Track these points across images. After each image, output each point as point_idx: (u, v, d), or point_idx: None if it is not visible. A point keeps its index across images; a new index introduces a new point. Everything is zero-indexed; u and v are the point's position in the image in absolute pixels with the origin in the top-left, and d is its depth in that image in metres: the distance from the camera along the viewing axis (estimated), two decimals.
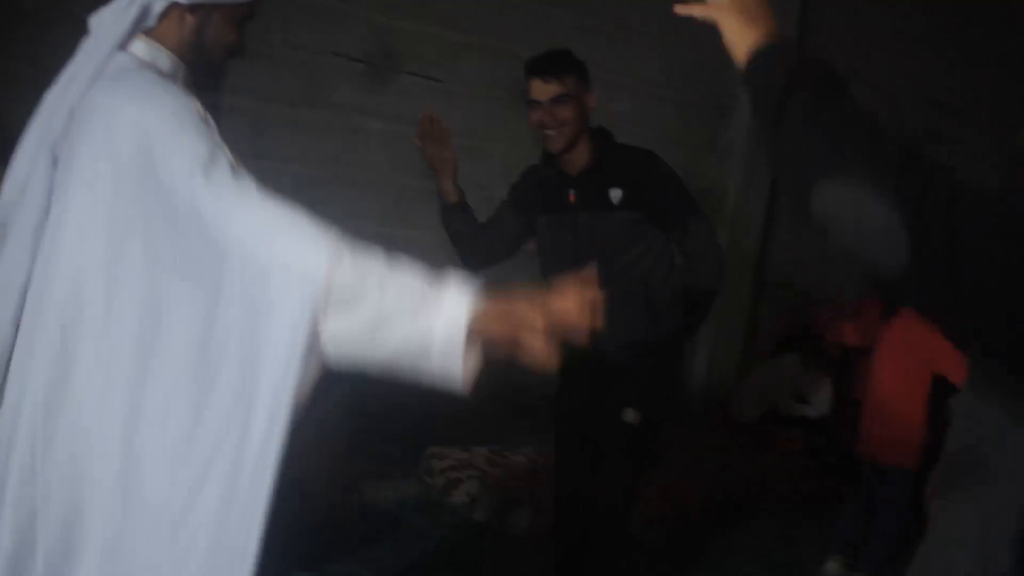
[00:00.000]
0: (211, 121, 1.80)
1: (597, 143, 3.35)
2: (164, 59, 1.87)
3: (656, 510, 5.20)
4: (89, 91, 1.76)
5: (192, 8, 1.86)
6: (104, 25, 1.84)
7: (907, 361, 4.48)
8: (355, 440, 5.01)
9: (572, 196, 3.33)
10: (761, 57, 1.53)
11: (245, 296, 1.63)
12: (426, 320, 1.62)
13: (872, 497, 4.78)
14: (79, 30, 1.85)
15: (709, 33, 5.50)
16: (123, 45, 1.83)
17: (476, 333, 1.63)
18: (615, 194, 3.27)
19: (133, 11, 1.82)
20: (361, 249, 1.66)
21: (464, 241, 3.50)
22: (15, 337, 1.74)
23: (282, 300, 1.61)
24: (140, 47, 1.85)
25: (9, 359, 1.75)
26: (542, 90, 3.21)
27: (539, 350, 1.64)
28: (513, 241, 3.58)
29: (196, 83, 1.93)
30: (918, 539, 2.16)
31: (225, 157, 1.72)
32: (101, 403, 1.66)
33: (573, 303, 1.64)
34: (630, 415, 3.33)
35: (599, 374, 3.35)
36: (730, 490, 5.73)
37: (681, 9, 1.72)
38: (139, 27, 1.84)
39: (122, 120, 1.69)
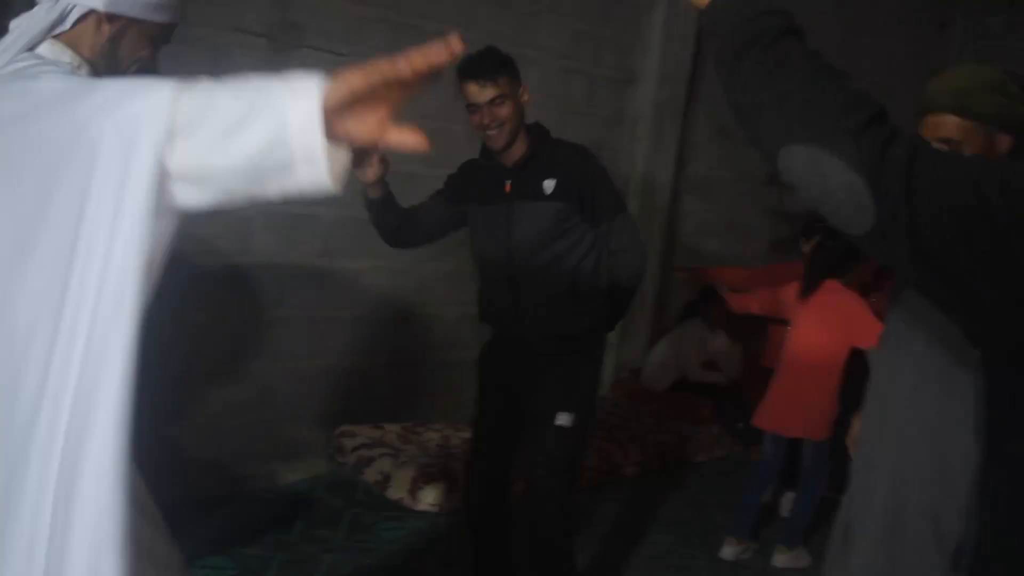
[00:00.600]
0: None
1: (533, 136, 3.47)
2: (67, 57, 1.86)
3: None
4: None
5: (110, 18, 1.88)
6: (20, 27, 1.84)
7: (827, 336, 4.53)
8: (266, 419, 4.96)
9: (508, 186, 3.45)
10: (721, 4, 1.50)
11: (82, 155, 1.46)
12: (279, 110, 1.42)
13: (772, 468, 4.86)
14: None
15: (617, 6, 5.57)
16: (33, 47, 1.83)
17: (334, 112, 1.43)
18: (548, 184, 3.41)
19: (52, 15, 1.84)
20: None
21: (388, 230, 3.61)
22: None
23: (122, 140, 1.44)
24: (45, 47, 1.85)
25: None
26: (479, 94, 3.31)
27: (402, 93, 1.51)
28: (439, 228, 3.70)
29: None
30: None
31: None
32: None
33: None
34: (564, 419, 3.46)
35: (527, 370, 3.55)
36: (643, 459, 5.79)
37: None
38: (53, 30, 1.85)
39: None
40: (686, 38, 6.71)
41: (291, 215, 4.79)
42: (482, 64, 3.32)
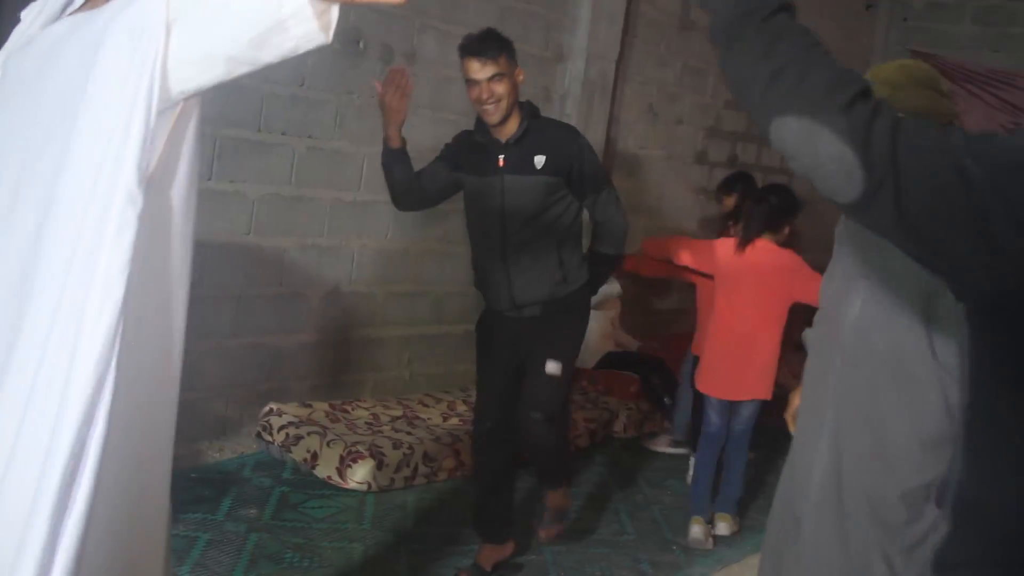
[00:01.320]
0: None
1: (525, 113, 3.77)
2: None
3: None
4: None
5: None
6: (34, 11, 1.88)
7: (768, 293, 4.55)
8: (191, 399, 4.90)
9: (502, 160, 3.74)
10: None
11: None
12: None
13: (720, 436, 4.81)
14: None
15: None
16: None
17: None
18: (539, 160, 3.71)
19: None
20: None
21: (400, 185, 3.83)
22: None
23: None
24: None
25: None
26: (480, 70, 3.61)
27: None
28: (440, 192, 3.95)
29: None
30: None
31: None
32: None
33: None
34: (552, 367, 3.83)
35: (519, 333, 3.91)
36: (572, 436, 5.81)
37: None
38: (68, 7, 1.85)
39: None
40: (614, 16, 6.72)
41: (216, 192, 4.73)
42: (484, 43, 3.63)
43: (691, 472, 5.32)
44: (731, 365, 4.68)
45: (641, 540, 4.73)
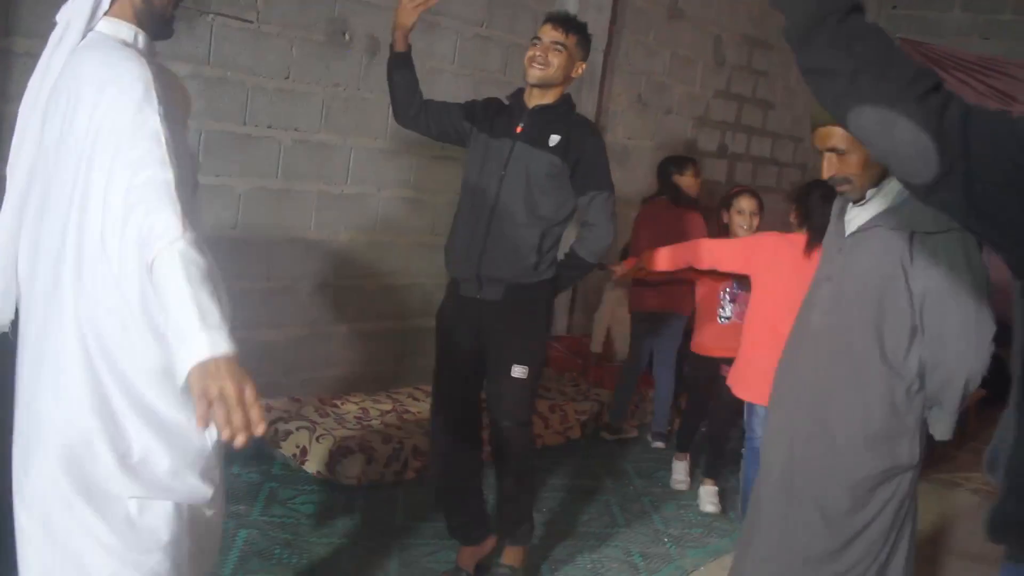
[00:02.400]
0: (154, 88, 2.09)
1: (562, 99, 3.80)
2: (124, 30, 2.23)
3: None
4: (68, 64, 2.16)
5: None
6: (68, 16, 2.20)
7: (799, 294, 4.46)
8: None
9: (519, 127, 3.76)
10: None
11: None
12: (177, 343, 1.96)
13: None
14: None
15: None
16: (89, 27, 2.19)
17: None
18: (553, 138, 3.71)
19: (88, 3, 2.18)
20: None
21: (399, 92, 3.89)
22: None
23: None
24: (102, 25, 2.21)
25: None
26: (548, 33, 3.72)
27: (221, 424, 1.89)
28: (440, 126, 3.97)
29: (156, 36, 2.32)
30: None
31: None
32: None
33: None
34: (518, 371, 3.76)
35: (480, 324, 3.82)
36: (563, 428, 5.80)
37: None
38: (97, 14, 2.20)
39: (88, 85, 2.08)
40: (602, 6, 6.70)
41: (202, 187, 4.68)
42: (566, 17, 3.80)
43: (675, 477, 5.42)
44: (758, 367, 4.39)
45: (632, 532, 4.72)
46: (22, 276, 2.25)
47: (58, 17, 2.23)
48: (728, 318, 5.11)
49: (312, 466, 4.72)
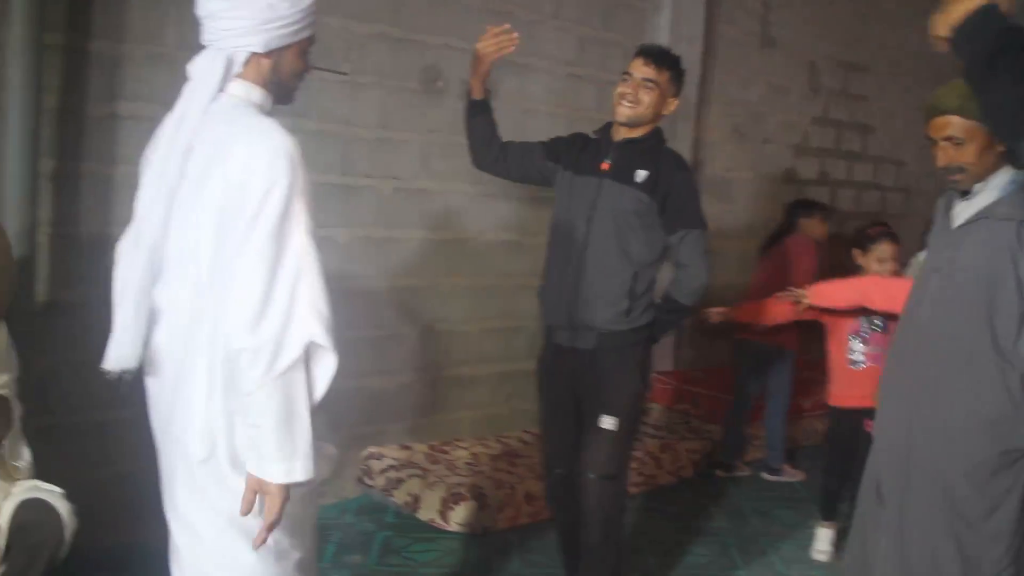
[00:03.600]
0: (300, 164, 2.23)
1: (651, 133, 3.66)
2: (256, 94, 2.36)
3: None
4: (203, 126, 2.27)
5: (267, 54, 2.33)
6: (200, 74, 2.32)
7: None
8: None
9: (606, 164, 3.62)
10: (974, 21, 1.89)
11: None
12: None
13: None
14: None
15: (621, 9, 5.52)
16: (221, 88, 2.31)
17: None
18: (640, 174, 3.57)
19: (221, 61, 2.30)
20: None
21: (476, 137, 3.85)
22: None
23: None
24: (236, 87, 2.33)
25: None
26: (640, 69, 3.61)
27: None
28: (521, 168, 3.89)
29: (278, 102, 2.43)
30: None
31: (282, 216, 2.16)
32: None
33: None
34: (608, 422, 3.59)
35: (575, 371, 3.69)
36: (675, 468, 5.71)
37: None
38: (230, 74, 2.32)
39: (236, 154, 2.18)
40: (693, 38, 6.64)
41: None
42: (659, 51, 3.67)
43: (818, 546, 4.87)
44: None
45: (751, 574, 4.60)
46: (166, 315, 2.37)
47: (189, 70, 2.34)
48: (861, 363, 4.62)
49: (425, 514, 4.71)
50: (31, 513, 2.97)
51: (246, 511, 2.18)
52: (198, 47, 2.36)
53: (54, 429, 3.91)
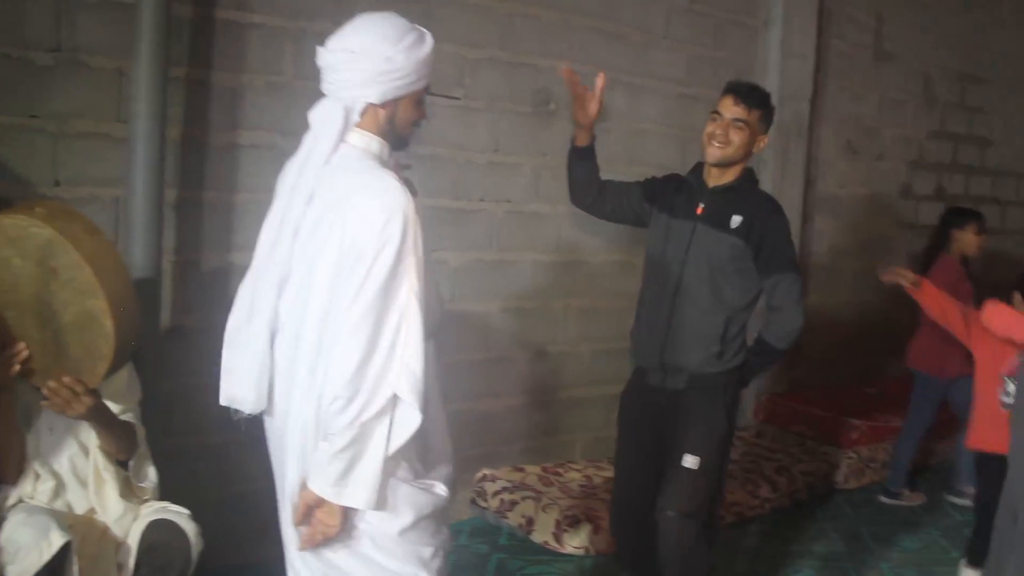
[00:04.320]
0: (412, 219, 2.36)
1: (744, 176, 3.63)
2: (374, 143, 2.49)
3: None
4: (324, 176, 2.42)
5: (383, 104, 2.46)
6: (319, 123, 2.47)
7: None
8: None
9: (700, 208, 3.60)
10: None
11: None
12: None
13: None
14: None
15: (731, 28, 5.47)
16: (342, 138, 2.45)
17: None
18: (735, 219, 3.54)
19: (340, 111, 2.44)
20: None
21: (577, 182, 3.81)
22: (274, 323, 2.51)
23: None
24: (355, 137, 2.48)
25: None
26: (729, 108, 3.55)
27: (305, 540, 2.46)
28: (617, 209, 3.86)
29: (394, 148, 2.56)
30: None
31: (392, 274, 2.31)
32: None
33: None
34: (690, 461, 3.55)
35: (662, 407, 3.67)
36: (791, 490, 5.62)
37: None
38: (349, 124, 2.45)
39: (353, 211, 2.33)
40: (805, 54, 6.56)
41: None
42: (749, 89, 3.60)
43: None
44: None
45: None
46: (278, 357, 2.52)
47: (309, 118, 2.49)
48: (1010, 405, 4.04)
49: (539, 536, 4.71)
50: (160, 533, 3.05)
51: (299, 522, 2.44)
52: (315, 76, 2.48)
53: (178, 450, 4.00)
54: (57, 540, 2.80)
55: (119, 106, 3.82)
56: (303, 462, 2.45)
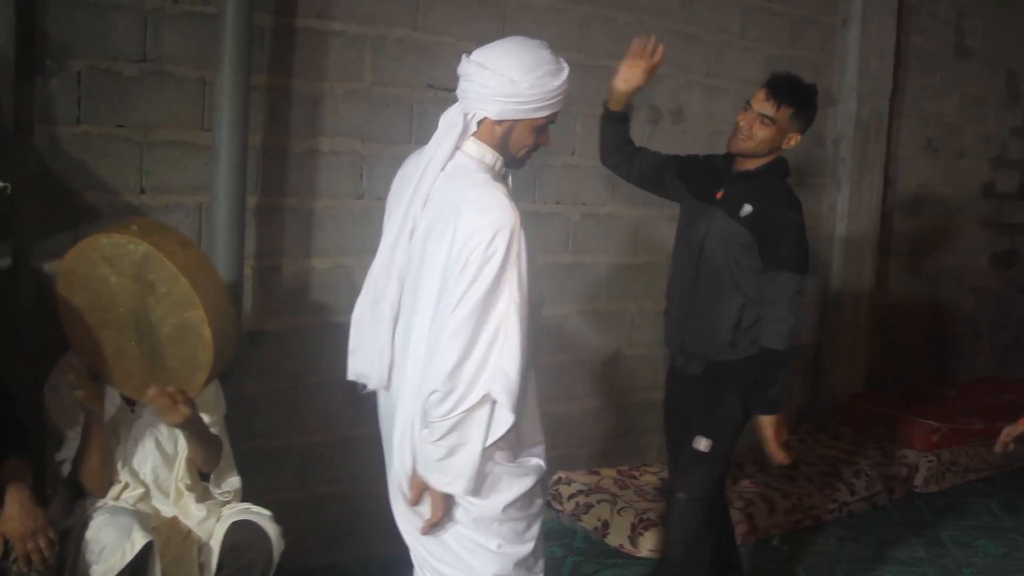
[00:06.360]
0: (518, 233, 2.48)
1: (772, 165, 3.58)
2: (488, 155, 2.63)
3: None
4: (439, 181, 2.58)
5: (499, 122, 2.60)
6: (446, 124, 2.64)
7: None
8: None
9: (720, 193, 3.56)
10: None
11: None
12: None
13: None
14: None
15: (808, 26, 5.39)
16: (459, 145, 2.61)
17: None
18: (746, 208, 3.50)
19: (461, 118, 2.60)
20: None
21: (608, 144, 3.79)
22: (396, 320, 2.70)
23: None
24: (471, 146, 2.63)
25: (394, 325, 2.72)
26: (759, 102, 3.51)
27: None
28: (647, 176, 3.82)
29: (509, 166, 2.71)
30: None
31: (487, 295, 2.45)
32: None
33: None
34: (702, 443, 3.58)
35: (684, 393, 3.74)
36: (869, 494, 5.55)
37: None
38: (467, 133, 2.61)
39: (463, 224, 2.45)
40: (884, 51, 6.47)
41: None
42: (782, 85, 3.53)
43: None
44: None
45: None
46: (397, 343, 2.72)
47: (440, 120, 2.68)
48: None
49: (614, 539, 4.71)
50: (242, 534, 3.13)
51: (413, 502, 2.65)
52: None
53: (260, 453, 4.07)
54: (140, 540, 2.87)
55: (203, 115, 3.89)
56: (408, 441, 2.64)
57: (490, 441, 2.52)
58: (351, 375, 2.82)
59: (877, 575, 4.71)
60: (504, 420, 2.51)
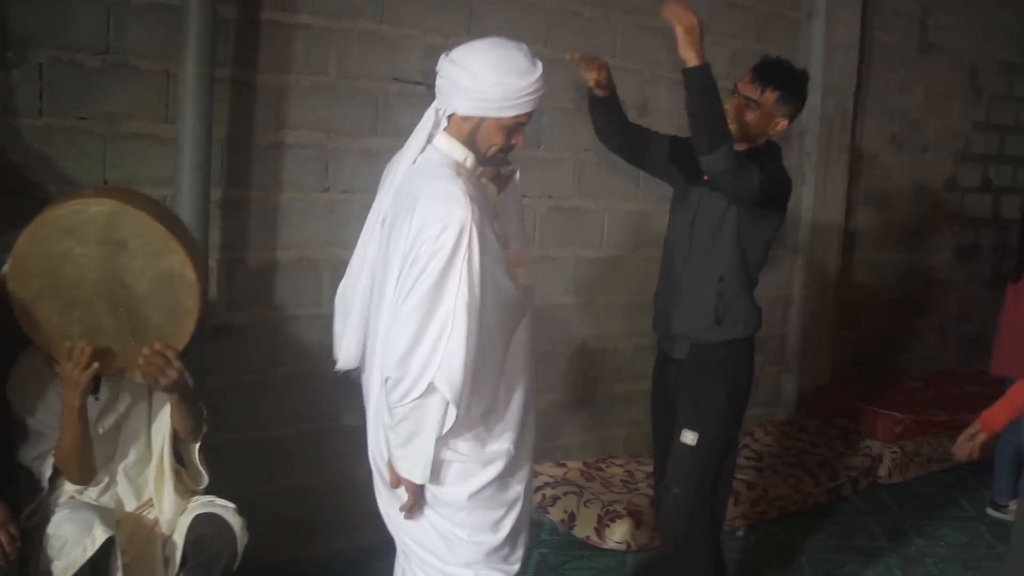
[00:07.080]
0: (470, 228, 2.48)
1: (760, 147, 3.51)
2: (457, 151, 2.66)
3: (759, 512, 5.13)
4: (407, 174, 2.65)
5: (466, 118, 2.63)
6: (422, 123, 2.69)
7: None
8: None
9: (707, 175, 3.41)
10: None
11: None
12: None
13: None
14: None
15: (773, 20, 5.36)
16: (430, 139, 2.67)
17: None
18: None
19: (432, 113, 2.66)
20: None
21: (603, 115, 3.63)
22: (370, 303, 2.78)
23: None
24: (441, 141, 2.67)
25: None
26: (744, 85, 3.48)
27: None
28: (643, 154, 3.73)
29: (480, 163, 2.69)
30: None
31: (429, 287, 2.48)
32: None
33: None
34: (688, 436, 3.54)
35: (671, 381, 3.69)
36: (833, 485, 5.60)
37: None
38: (438, 127, 2.67)
39: (417, 216, 2.50)
40: (849, 46, 6.51)
41: None
42: (768, 69, 3.47)
43: None
44: None
45: None
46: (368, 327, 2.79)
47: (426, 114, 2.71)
48: None
49: (581, 531, 4.73)
50: (206, 527, 3.12)
51: (393, 485, 2.72)
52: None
53: (225, 447, 4.05)
54: (101, 535, 2.86)
55: (167, 107, 3.87)
56: (381, 425, 2.71)
57: (445, 430, 2.56)
58: (335, 357, 2.89)
59: (841, 565, 4.74)
60: (451, 414, 2.54)
